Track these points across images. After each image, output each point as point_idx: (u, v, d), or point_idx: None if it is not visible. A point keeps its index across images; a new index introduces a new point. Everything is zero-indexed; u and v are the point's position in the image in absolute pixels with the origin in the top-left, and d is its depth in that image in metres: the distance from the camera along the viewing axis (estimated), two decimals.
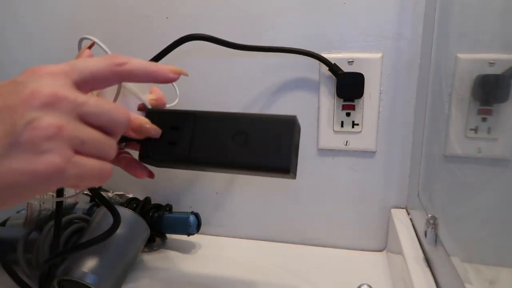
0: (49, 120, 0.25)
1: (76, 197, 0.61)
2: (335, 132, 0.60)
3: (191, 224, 0.62)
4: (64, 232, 0.57)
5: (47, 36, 0.68)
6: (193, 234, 0.63)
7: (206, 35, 0.52)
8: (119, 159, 0.39)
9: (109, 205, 0.44)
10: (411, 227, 0.56)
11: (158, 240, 0.68)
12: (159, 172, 0.72)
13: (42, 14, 0.67)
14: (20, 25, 0.68)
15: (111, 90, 0.36)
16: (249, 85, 0.61)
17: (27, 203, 0.55)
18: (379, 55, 0.56)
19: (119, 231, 0.56)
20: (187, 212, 0.64)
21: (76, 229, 0.55)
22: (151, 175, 0.40)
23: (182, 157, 0.35)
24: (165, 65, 0.34)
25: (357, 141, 0.59)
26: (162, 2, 0.61)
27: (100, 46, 0.38)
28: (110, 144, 0.30)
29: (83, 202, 0.66)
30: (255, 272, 0.59)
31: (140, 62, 0.32)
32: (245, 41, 0.59)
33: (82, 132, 0.27)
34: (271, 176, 0.35)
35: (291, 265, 0.61)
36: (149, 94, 0.40)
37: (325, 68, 0.56)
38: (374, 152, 0.60)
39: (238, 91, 0.62)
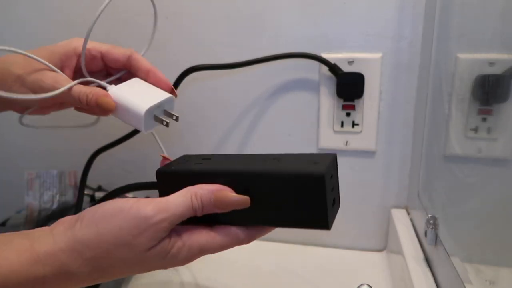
0: None
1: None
2: (335, 132, 0.60)
3: None
4: None
5: (47, 36, 0.68)
6: None
7: (207, 65, 0.56)
8: None
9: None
10: (411, 227, 0.56)
11: None
12: None
13: (43, 15, 0.67)
14: (20, 26, 0.68)
15: None
16: (249, 85, 0.61)
17: (27, 203, 0.55)
18: (379, 55, 0.56)
19: None
20: None
21: None
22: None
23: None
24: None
25: (357, 141, 0.59)
26: (162, 3, 0.61)
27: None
28: None
29: (83, 202, 0.66)
30: (255, 272, 0.59)
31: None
32: (245, 41, 0.59)
33: None
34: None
35: (291, 265, 0.61)
36: None
37: (325, 68, 0.56)
38: (374, 152, 0.60)
39: (239, 91, 0.62)
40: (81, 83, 0.39)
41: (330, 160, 0.32)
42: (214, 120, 0.65)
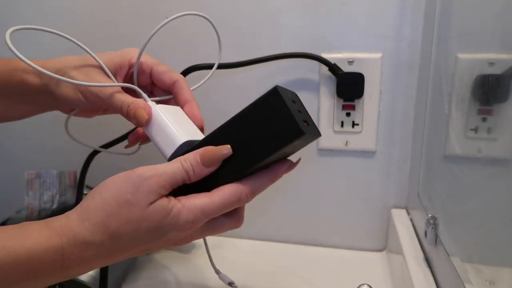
0: None
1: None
2: (335, 132, 0.60)
3: None
4: None
5: (49, 35, 0.68)
6: None
7: (207, 65, 0.56)
8: None
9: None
10: (411, 227, 0.56)
11: None
12: None
13: (44, 14, 0.67)
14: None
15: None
16: (249, 85, 0.61)
17: (27, 203, 0.55)
18: (379, 55, 0.56)
19: None
20: None
21: None
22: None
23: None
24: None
25: (357, 141, 0.59)
26: (162, 3, 0.61)
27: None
28: None
29: None
30: (255, 272, 0.59)
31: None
32: (245, 40, 0.59)
33: None
34: (297, 149, 0.38)
35: (291, 265, 0.61)
36: None
37: (325, 68, 0.56)
38: (374, 152, 0.60)
39: (239, 91, 0.62)
40: (127, 89, 0.41)
41: (287, 89, 0.36)
42: (215, 120, 0.64)
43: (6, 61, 0.42)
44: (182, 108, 0.42)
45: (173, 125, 0.38)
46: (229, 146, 0.34)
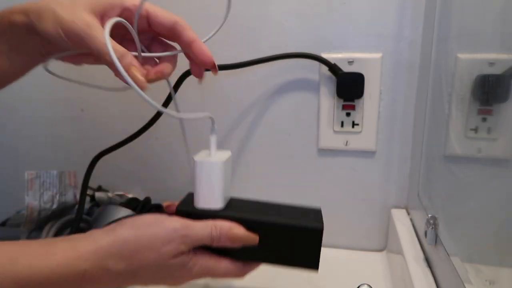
0: None
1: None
2: (335, 132, 0.60)
3: None
4: (64, 232, 0.57)
5: None
6: None
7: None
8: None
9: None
10: (411, 227, 0.56)
11: None
12: (159, 171, 0.72)
13: None
14: None
15: None
16: (249, 85, 0.61)
17: (27, 203, 0.54)
18: (379, 55, 0.56)
19: None
20: None
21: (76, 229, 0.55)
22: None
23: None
24: None
25: (357, 141, 0.59)
26: (162, 3, 0.61)
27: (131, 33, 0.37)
28: None
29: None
30: (255, 272, 0.59)
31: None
32: (245, 40, 0.59)
33: None
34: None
35: None
36: None
37: (325, 68, 0.56)
38: (374, 152, 0.60)
39: (239, 91, 0.62)
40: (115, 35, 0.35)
41: (321, 215, 0.42)
42: (215, 120, 0.65)
43: None
44: (188, 48, 0.39)
45: (222, 187, 0.40)
46: (257, 238, 0.39)
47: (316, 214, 0.42)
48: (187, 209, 0.40)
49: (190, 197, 0.41)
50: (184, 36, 0.39)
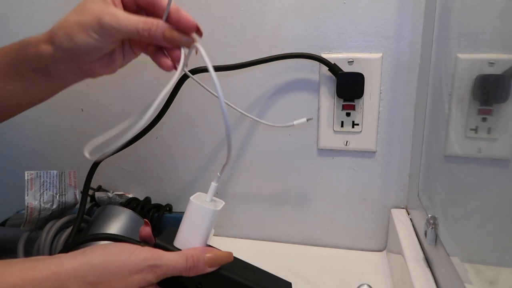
0: None
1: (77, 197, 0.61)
2: (335, 132, 0.60)
3: None
4: (64, 232, 0.57)
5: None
6: None
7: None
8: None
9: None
10: (411, 227, 0.56)
11: None
12: (160, 171, 0.72)
13: (45, 14, 0.67)
14: (25, 25, 0.68)
15: None
16: (250, 86, 0.61)
17: (27, 203, 0.54)
18: (379, 55, 0.56)
19: (118, 231, 0.56)
20: None
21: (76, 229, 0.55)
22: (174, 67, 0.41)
23: None
24: None
25: (357, 141, 0.59)
26: None
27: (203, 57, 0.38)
28: None
29: None
30: None
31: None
32: (245, 41, 0.59)
33: None
34: None
35: (291, 265, 0.61)
36: None
37: (325, 68, 0.56)
38: (374, 152, 0.60)
39: (239, 92, 0.62)
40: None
41: None
42: (215, 121, 0.65)
43: (17, 42, 0.40)
44: (171, 16, 0.38)
45: (206, 234, 0.39)
46: (232, 255, 0.39)
47: (286, 287, 0.44)
48: (166, 245, 0.39)
49: (171, 233, 0.40)
50: (164, 4, 0.39)
